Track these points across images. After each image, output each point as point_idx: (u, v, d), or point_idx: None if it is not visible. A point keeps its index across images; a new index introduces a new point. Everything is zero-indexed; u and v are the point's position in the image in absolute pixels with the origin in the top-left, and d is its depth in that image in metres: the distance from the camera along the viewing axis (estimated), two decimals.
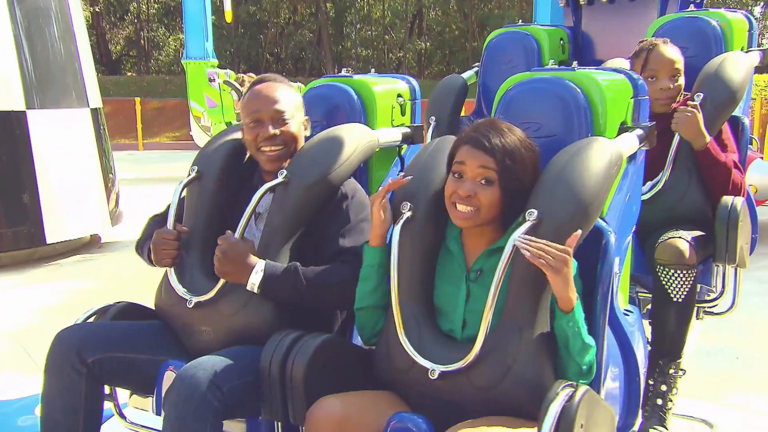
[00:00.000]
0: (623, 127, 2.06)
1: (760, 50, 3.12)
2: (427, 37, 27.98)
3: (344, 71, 2.60)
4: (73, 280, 5.87)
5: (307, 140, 2.25)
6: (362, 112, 2.43)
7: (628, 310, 2.13)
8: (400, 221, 1.87)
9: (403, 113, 2.58)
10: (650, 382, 2.61)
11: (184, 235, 2.16)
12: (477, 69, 3.77)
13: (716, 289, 2.78)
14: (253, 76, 13.60)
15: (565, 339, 1.70)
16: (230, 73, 13.64)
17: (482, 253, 1.85)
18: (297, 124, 2.21)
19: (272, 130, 2.15)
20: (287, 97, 2.20)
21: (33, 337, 4.36)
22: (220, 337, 2.06)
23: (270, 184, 2.10)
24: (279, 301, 2.02)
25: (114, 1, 27.04)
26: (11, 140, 6.17)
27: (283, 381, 1.86)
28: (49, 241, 6.35)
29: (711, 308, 2.84)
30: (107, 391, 2.20)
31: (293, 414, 1.86)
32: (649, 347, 2.53)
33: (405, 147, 2.58)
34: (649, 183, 2.66)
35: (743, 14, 3.16)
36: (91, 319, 2.25)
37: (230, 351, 1.96)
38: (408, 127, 2.57)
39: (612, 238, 1.86)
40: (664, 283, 2.53)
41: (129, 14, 28.88)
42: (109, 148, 7.40)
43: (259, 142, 2.16)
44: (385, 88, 2.52)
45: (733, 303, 2.82)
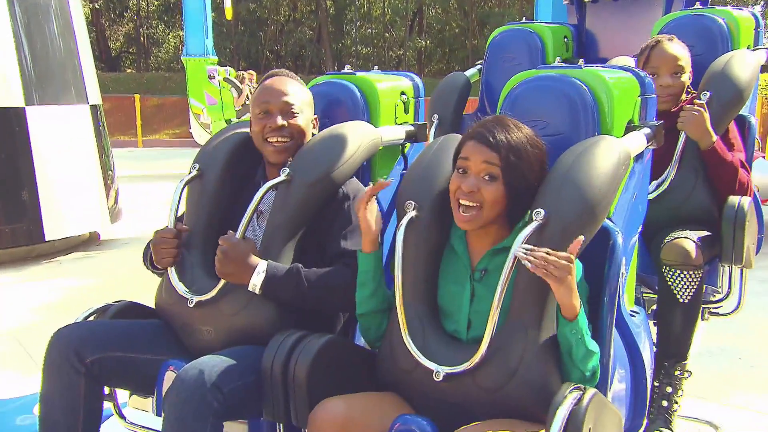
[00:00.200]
0: (630, 126, 2.04)
1: (766, 49, 3.08)
2: (427, 35, 27.96)
3: (346, 68, 2.58)
4: (72, 277, 5.85)
5: None
6: (365, 109, 2.41)
7: (635, 311, 2.10)
8: (405, 221, 1.85)
9: (406, 111, 2.55)
10: (655, 383, 2.59)
11: (185, 233, 2.13)
12: (480, 66, 3.74)
13: (722, 290, 2.76)
14: (253, 73, 13.61)
15: (568, 346, 1.67)
16: (230, 70, 13.64)
17: (487, 252, 1.83)
18: (305, 119, 2.20)
19: (280, 121, 2.14)
20: (297, 92, 2.20)
21: (31, 335, 4.34)
22: (221, 336, 2.04)
23: (272, 182, 2.08)
24: (280, 302, 2.00)
25: None
26: (10, 137, 6.15)
27: (285, 382, 1.84)
28: (48, 238, 6.33)
29: (716, 309, 2.82)
30: (107, 391, 2.17)
31: (295, 415, 1.84)
32: (654, 348, 2.50)
33: (408, 145, 2.56)
34: (655, 182, 2.63)
35: (750, 12, 3.13)
36: (91, 318, 2.22)
37: (231, 351, 1.94)
38: (411, 125, 2.54)
39: (619, 239, 1.84)
40: (670, 283, 2.51)
41: (128, 11, 28.86)
42: (108, 145, 7.38)
43: (266, 133, 2.15)
44: (389, 86, 2.49)
45: (739, 304, 2.80)
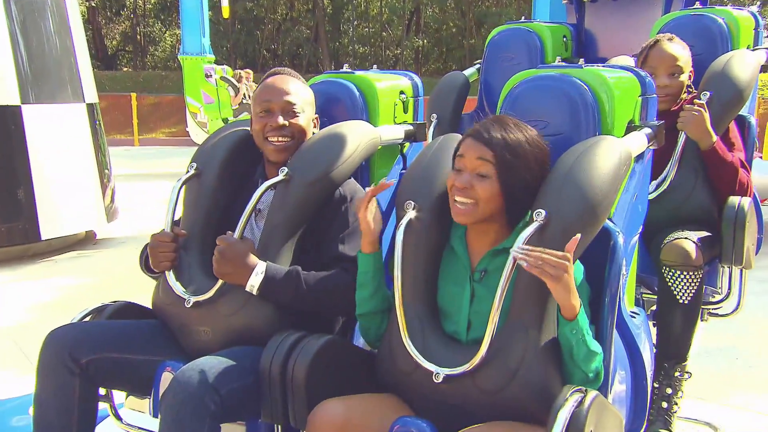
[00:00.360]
0: (631, 126, 2.03)
1: (766, 48, 3.07)
2: (424, 35, 27.95)
3: (345, 67, 2.56)
4: (68, 276, 5.83)
5: None
6: (364, 108, 2.39)
7: (635, 312, 2.09)
8: (404, 221, 1.83)
9: (405, 110, 2.53)
10: (655, 385, 2.58)
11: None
12: (479, 66, 3.73)
13: (722, 291, 2.75)
14: (250, 72, 13.59)
15: (569, 347, 1.66)
16: (227, 69, 13.63)
17: (487, 253, 1.81)
18: (306, 118, 2.19)
19: (281, 121, 2.13)
20: (299, 91, 2.19)
21: (27, 334, 4.31)
22: (219, 337, 2.02)
23: (271, 182, 2.06)
24: (278, 304, 1.99)
25: None
26: (6, 135, 6.13)
27: (284, 383, 1.82)
28: (43, 237, 6.31)
29: (716, 310, 2.81)
30: (103, 392, 2.15)
31: (294, 417, 1.82)
32: (654, 349, 2.49)
33: (407, 145, 2.54)
34: (655, 182, 2.61)
35: (749, 12, 3.12)
36: (87, 319, 2.20)
37: (229, 352, 1.92)
38: (410, 124, 2.52)
39: (620, 239, 1.82)
40: (669, 284, 2.50)
41: (125, 9, 28.80)
42: (104, 144, 7.35)
43: (267, 132, 2.14)
44: (388, 85, 2.48)
45: (739, 304, 2.79)
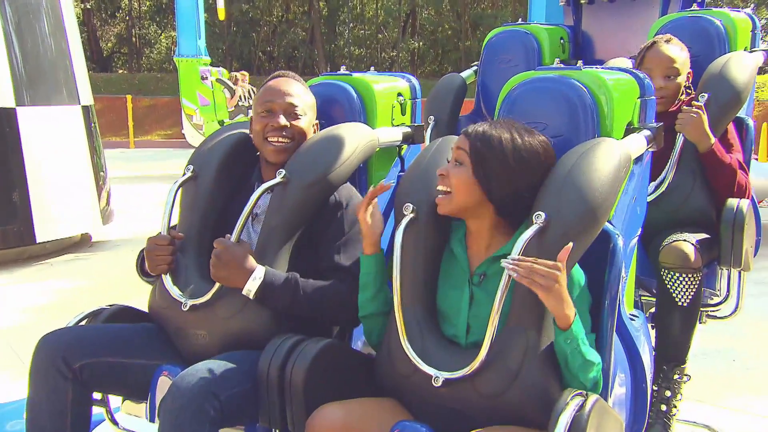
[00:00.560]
0: (630, 128, 2.02)
1: (764, 50, 3.08)
2: (419, 37, 27.96)
3: (342, 69, 2.55)
4: (64, 279, 5.80)
5: None
6: (362, 110, 2.38)
7: (634, 315, 2.09)
8: (403, 223, 1.82)
9: (403, 112, 2.52)
10: (654, 387, 2.57)
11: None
12: (476, 68, 3.72)
13: (721, 293, 2.74)
14: (246, 74, 13.58)
15: (564, 356, 1.64)
16: (223, 71, 13.59)
17: (487, 259, 1.81)
18: (308, 121, 2.18)
19: (283, 121, 2.13)
20: (302, 94, 2.19)
21: (22, 338, 4.28)
22: (216, 341, 2.01)
23: (268, 184, 2.05)
24: (272, 309, 1.97)
25: None
26: (1, 138, 6.11)
27: (281, 387, 1.81)
28: (39, 239, 6.28)
29: (714, 312, 2.80)
30: (99, 397, 2.14)
31: (292, 422, 1.81)
32: (653, 352, 2.49)
33: (405, 147, 2.53)
34: (653, 184, 2.61)
35: (747, 14, 3.12)
36: (83, 323, 2.18)
37: (228, 356, 1.90)
38: (408, 126, 2.52)
39: (620, 242, 1.82)
40: (668, 286, 2.49)
41: (120, 11, 28.75)
42: (100, 146, 7.33)
43: (267, 132, 2.13)
44: (386, 87, 2.47)
45: (737, 306, 2.78)
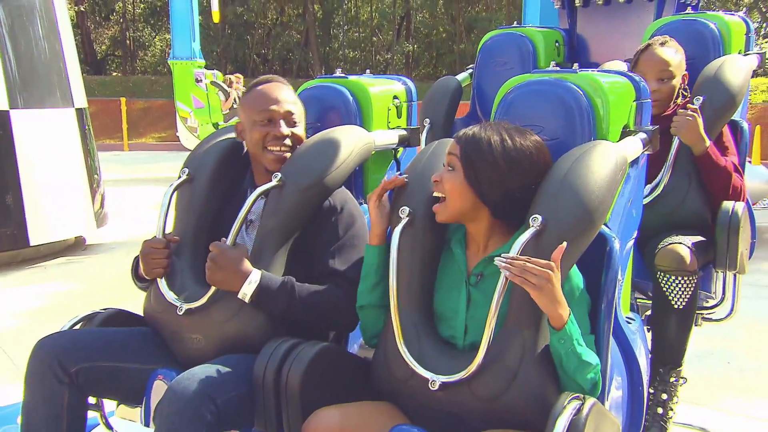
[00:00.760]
0: (626, 131, 2.02)
1: (758, 54, 3.09)
2: (414, 39, 27.96)
3: (338, 72, 2.55)
4: (58, 282, 5.78)
5: None
6: (358, 113, 2.38)
7: (630, 318, 2.09)
8: (399, 226, 1.82)
9: (399, 115, 2.52)
10: (650, 390, 2.57)
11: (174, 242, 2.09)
12: (471, 71, 3.72)
13: (716, 296, 2.75)
14: (240, 76, 13.56)
15: (559, 357, 1.63)
16: (217, 73, 13.58)
17: (483, 258, 1.81)
18: (303, 128, 2.18)
19: (286, 130, 2.11)
20: (296, 100, 2.19)
21: (16, 342, 4.27)
22: (211, 345, 1.99)
23: (264, 188, 2.04)
24: (268, 313, 1.96)
25: (99, 0, 26.81)
26: None
27: (277, 391, 1.80)
28: (32, 242, 6.26)
29: (710, 314, 2.81)
30: (93, 401, 2.13)
31: (288, 426, 1.80)
32: (649, 355, 2.49)
33: (401, 150, 2.53)
34: (648, 187, 2.61)
35: (740, 17, 3.13)
36: (77, 327, 2.17)
37: (225, 360, 1.89)
38: (404, 129, 2.52)
39: (616, 245, 1.82)
40: (664, 289, 2.49)
41: (114, 14, 28.67)
42: (94, 149, 7.30)
43: (268, 141, 2.10)
44: (381, 90, 2.47)
45: (732, 309, 2.79)
